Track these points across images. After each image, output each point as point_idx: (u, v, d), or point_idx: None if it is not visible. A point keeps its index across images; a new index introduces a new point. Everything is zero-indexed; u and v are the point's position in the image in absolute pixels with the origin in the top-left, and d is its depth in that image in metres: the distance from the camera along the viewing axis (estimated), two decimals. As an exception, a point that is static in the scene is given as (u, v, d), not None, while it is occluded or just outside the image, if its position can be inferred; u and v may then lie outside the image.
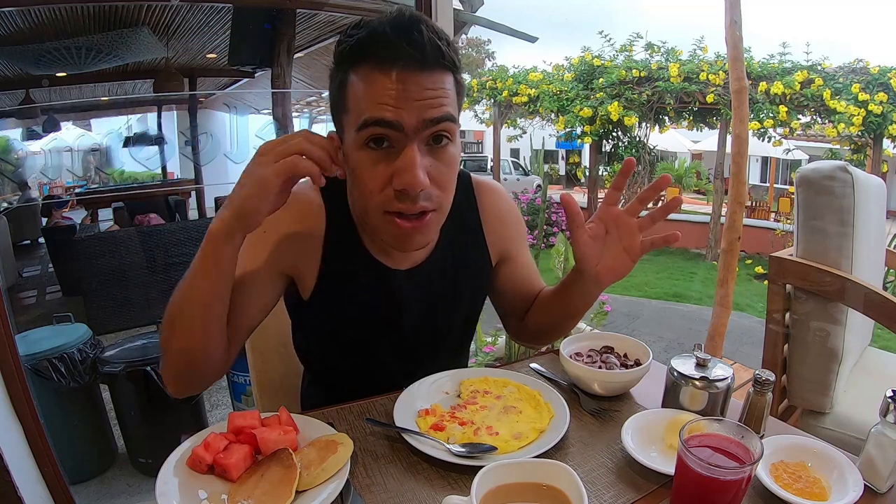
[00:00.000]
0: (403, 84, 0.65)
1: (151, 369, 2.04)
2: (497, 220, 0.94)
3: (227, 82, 6.60)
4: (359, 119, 0.67)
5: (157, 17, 4.43)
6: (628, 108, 7.38)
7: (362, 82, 0.67)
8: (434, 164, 0.70)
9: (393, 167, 0.68)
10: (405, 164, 0.67)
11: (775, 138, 6.96)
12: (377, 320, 0.87)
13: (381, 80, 0.65)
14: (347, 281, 0.83)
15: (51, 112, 5.89)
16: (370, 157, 0.69)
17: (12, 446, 1.28)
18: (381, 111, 0.65)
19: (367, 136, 0.67)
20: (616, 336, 0.94)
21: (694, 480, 0.54)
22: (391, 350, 0.89)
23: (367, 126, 0.66)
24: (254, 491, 0.58)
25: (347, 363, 0.91)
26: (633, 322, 4.95)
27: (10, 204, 6.09)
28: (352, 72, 0.68)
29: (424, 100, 0.66)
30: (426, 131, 0.68)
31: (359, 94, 0.67)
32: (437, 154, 0.70)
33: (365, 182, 0.70)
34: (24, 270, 5.74)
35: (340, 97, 0.71)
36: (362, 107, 0.67)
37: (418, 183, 0.67)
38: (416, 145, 0.67)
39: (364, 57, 0.67)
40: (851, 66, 6.45)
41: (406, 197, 0.69)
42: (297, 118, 6.11)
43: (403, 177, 0.67)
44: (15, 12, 3.79)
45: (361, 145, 0.68)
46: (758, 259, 7.03)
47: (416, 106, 0.66)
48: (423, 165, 0.68)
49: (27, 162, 6.24)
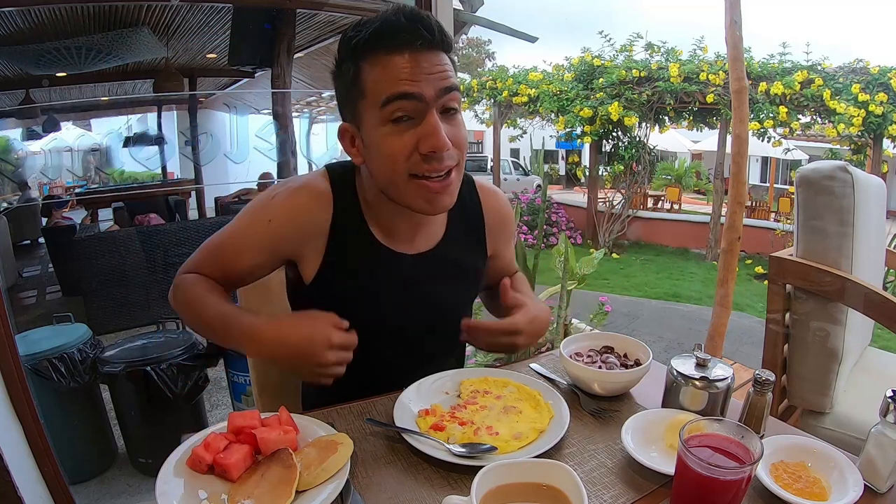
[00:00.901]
0: (417, 61, 0.75)
1: (151, 369, 2.04)
2: (496, 221, 1.00)
3: (227, 82, 6.60)
4: (380, 98, 0.75)
5: (157, 17, 4.43)
6: (628, 108, 7.39)
7: (378, 66, 0.75)
8: (449, 129, 0.78)
9: (417, 134, 0.76)
10: (430, 128, 0.75)
11: (775, 138, 6.96)
12: (380, 305, 0.89)
13: (398, 60, 0.74)
14: (351, 265, 0.87)
15: (51, 112, 5.89)
16: (394, 130, 0.76)
17: (12, 446, 1.28)
18: (402, 86, 0.74)
19: (391, 111, 0.75)
20: (616, 336, 0.94)
21: (694, 480, 0.54)
22: (390, 338, 0.91)
23: (390, 101, 0.75)
24: (254, 491, 0.58)
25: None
26: (633, 322, 4.95)
27: (10, 204, 6.08)
28: (364, 62, 0.76)
29: (436, 73, 0.76)
30: (441, 100, 0.77)
31: (379, 76, 0.75)
32: (450, 120, 0.79)
33: (393, 151, 0.77)
34: (24, 270, 5.74)
35: (355, 86, 0.78)
36: (381, 87, 0.75)
37: (444, 143, 0.76)
38: (435, 112, 0.76)
39: (378, 45, 0.75)
40: (851, 66, 6.45)
41: (433, 158, 0.77)
42: (297, 118, 6.12)
43: (430, 140, 0.75)
44: (15, 12, 3.79)
45: (385, 121, 0.76)
46: (758, 259, 7.03)
47: (431, 79, 0.75)
48: (444, 130, 0.76)
49: (27, 162, 6.24)
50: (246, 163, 5.29)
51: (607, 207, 8.33)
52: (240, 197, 5.67)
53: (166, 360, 2.08)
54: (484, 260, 1.00)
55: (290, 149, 4.90)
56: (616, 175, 8.06)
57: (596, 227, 8.47)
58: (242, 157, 5.27)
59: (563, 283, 2.39)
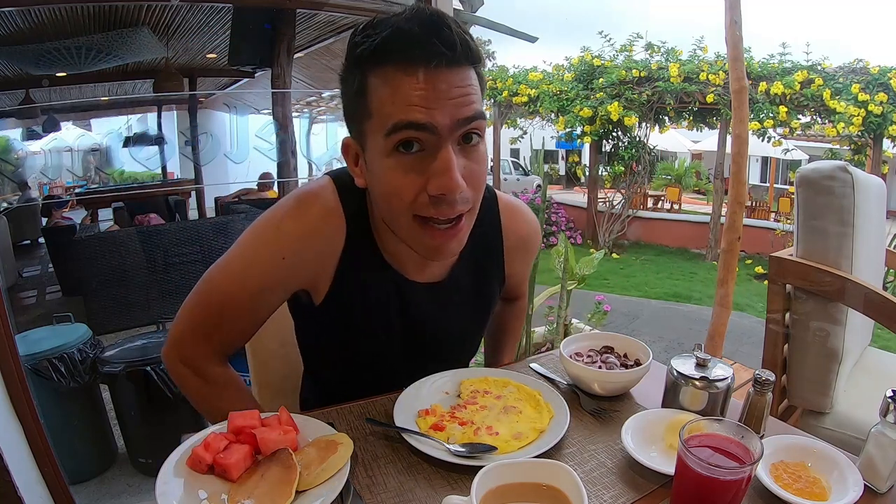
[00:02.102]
0: (433, 83, 0.62)
1: (151, 369, 2.04)
2: (518, 245, 0.92)
3: (227, 82, 6.60)
4: (386, 124, 0.64)
5: (157, 17, 4.43)
6: (628, 108, 7.39)
7: (389, 84, 0.64)
8: (467, 164, 0.67)
9: (427, 171, 0.65)
10: (442, 167, 0.64)
11: (775, 138, 6.96)
12: (389, 332, 0.85)
13: (410, 81, 0.62)
14: (362, 290, 0.81)
15: (51, 112, 5.89)
16: (401, 164, 0.65)
17: (12, 446, 1.28)
18: (412, 113, 0.62)
19: (397, 140, 0.64)
20: (616, 336, 0.93)
21: (694, 480, 0.54)
22: (401, 360, 0.88)
23: (397, 130, 0.63)
24: (254, 491, 0.58)
25: (353, 369, 0.90)
26: (633, 322, 4.95)
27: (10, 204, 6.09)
28: (372, 74, 0.65)
29: (455, 98, 0.64)
30: (459, 131, 0.65)
31: (386, 98, 0.64)
32: (468, 153, 0.68)
33: (397, 190, 0.67)
34: (24, 270, 5.74)
35: (360, 102, 0.67)
36: (389, 110, 0.64)
37: (457, 186, 0.65)
38: (450, 146, 0.65)
39: (389, 56, 0.63)
40: (851, 66, 6.45)
41: (442, 202, 0.66)
42: (297, 118, 6.12)
43: (441, 180, 0.64)
44: (15, 12, 3.78)
45: (391, 151, 0.65)
46: (758, 259, 7.02)
47: (448, 105, 0.63)
48: (458, 166, 0.65)
49: (27, 162, 6.24)
50: (246, 163, 5.29)
51: (607, 207, 8.33)
52: (240, 197, 5.67)
53: (166, 360, 2.08)
54: (501, 284, 0.93)
55: (290, 149, 4.90)
56: (616, 175, 8.06)
57: (596, 227, 8.47)
58: (242, 157, 5.27)
59: (563, 283, 2.39)
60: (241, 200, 5.57)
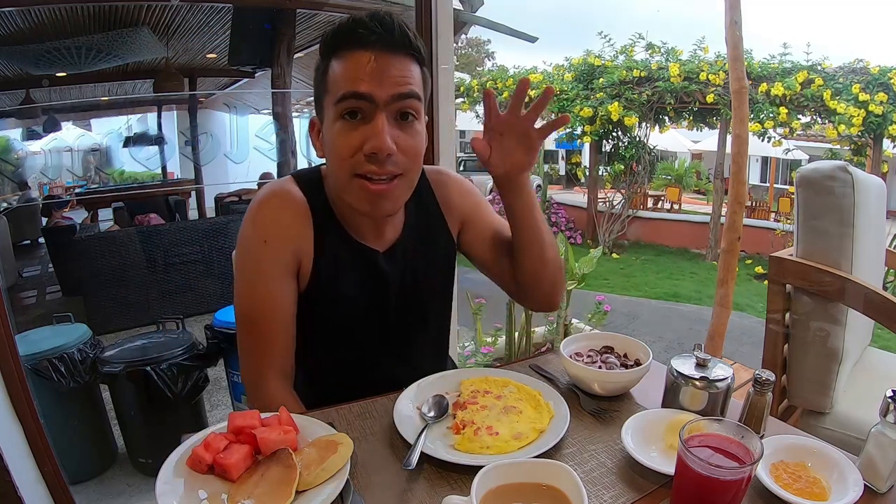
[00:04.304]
0: (375, 62, 0.76)
1: (151, 369, 2.04)
2: (450, 199, 1.00)
3: (227, 82, 6.60)
4: (337, 94, 0.77)
5: (157, 17, 4.44)
6: (628, 108, 7.38)
7: (341, 63, 0.77)
8: (401, 135, 0.79)
9: (364, 134, 0.77)
10: (374, 130, 0.76)
11: (775, 138, 6.96)
12: (365, 303, 0.91)
13: (357, 59, 0.76)
14: (339, 268, 0.88)
15: (51, 112, 5.89)
16: (345, 127, 0.78)
17: (12, 446, 1.28)
18: (357, 85, 0.76)
19: (343, 108, 0.77)
20: (616, 336, 0.93)
21: (694, 480, 0.54)
22: (378, 334, 0.93)
23: (344, 99, 0.76)
24: (254, 491, 0.58)
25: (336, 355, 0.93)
26: (633, 322, 4.95)
27: (10, 204, 6.09)
28: (333, 58, 0.79)
29: (394, 76, 0.76)
30: (394, 105, 0.77)
31: (338, 75, 0.78)
32: (403, 127, 0.79)
33: (339, 148, 0.78)
34: (24, 270, 5.74)
35: (322, 82, 0.81)
36: (340, 84, 0.77)
37: (385, 146, 0.76)
38: (385, 116, 0.77)
39: (343, 41, 0.77)
40: (851, 66, 6.45)
41: (375, 160, 0.77)
42: (297, 118, 6.12)
43: (372, 141, 0.76)
44: (15, 12, 3.79)
45: (338, 117, 0.78)
46: (758, 259, 7.02)
47: (386, 81, 0.76)
48: (392, 134, 0.77)
49: (27, 162, 6.25)
50: (246, 163, 5.29)
51: (607, 207, 8.33)
52: (240, 196, 5.67)
53: (166, 360, 2.08)
54: (451, 241, 1.00)
55: (290, 149, 4.91)
56: (616, 175, 8.06)
57: (596, 227, 8.47)
58: (242, 157, 5.27)
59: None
60: (242, 200, 5.57)
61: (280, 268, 0.84)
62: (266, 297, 0.84)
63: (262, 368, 0.85)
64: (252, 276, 0.85)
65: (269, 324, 0.84)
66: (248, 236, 0.85)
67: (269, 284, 0.84)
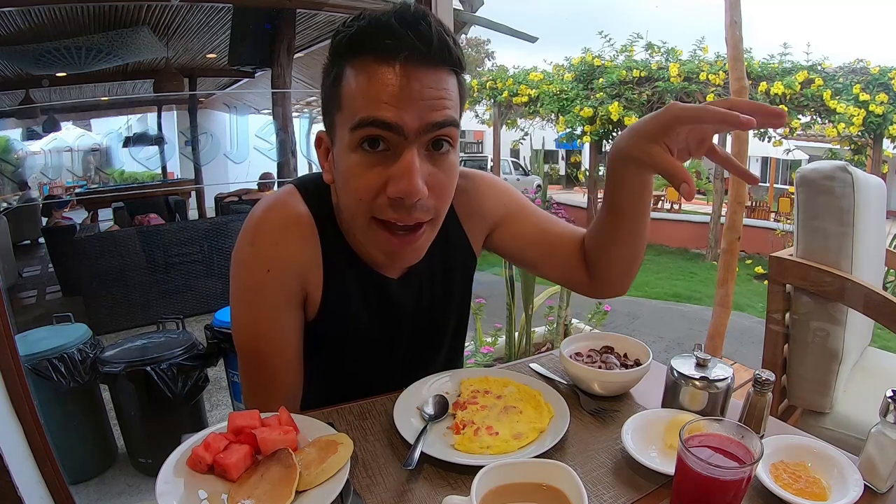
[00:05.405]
0: (406, 81, 0.60)
1: (151, 369, 2.04)
2: (472, 206, 0.87)
3: (227, 82, 6.60)
4: (354, 118, 0.62)
5: (157, 17, 4.44)
6: (628, 108, 7.39)
7: (360, 77, 0.61)
8: (433, 171, 0.64)
9: (388, 172, 0.62)
10: (403, 170, 0.61)
11: (775, 138, 6.96)
12: (376, 335, 0.84)
13: (382, 75, 0.60)
14: (349, 296, 0.80)
15: (51, 112, 5.90)
16: (363, 160, 0.63)
17: (12, 446, 1.28)
18: (380, 110, 0.60)
19: (361, 136, 0.62)
20: (616, 336, 0.93)
21: (694, 480, 0.54)
22: (390, 359, 0.88)
23: (362, 126, 0.61)
24: (254, 491, 0.58)
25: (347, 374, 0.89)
26: (633, 322, 4.95)
27: (10, 204, 6.09)
28: (349, 65, 0.63)
29: (427, 100, 0.61)
30: (427, 136, 0.62)
31: (355, 91, 0.62)
32: (436, 161, 0.65)
33: (356, 188, 0.64)
34: (24, 270, 5.75)
35: (334, 93, 0.65)
36: (358, 104, 0.61)
37: (416, 191, 0.61)
38: (416, 150, 0.62)
39: (364, 48, 0.61)
40: (851, 66, 6.46)
41: (401, 206, 0.64)
42: (297, 118, 6.12)
43: (400, 184, 0.61)
44: (15, 12, 3.79)
45: (355, 147, 0.63)
46: (758, 259, 7.02)
47: (418, 107, 0.60)
48: (422, 172, 0.62)
49: (27, 162, 6.25)
50: (246, 163, 5.29)
51: (607, 207, 8.31)
52: (240, 196, 5.67)
53: (166, 360, 2.08)
54: (472, 256, 0.89)
55: (290, 149, 4.90)
56: (616, 175, 8.05)
57: (596, 228, 8.46)
58: (242, 157, 5.27)
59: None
60: (242, 200, 5.57)
61: (285, 298, 0.75)
62: (271, 334, 0.75)
63: (268, 403, 0.76)
64: (255, 309, 0.75)
65: (275, 360, 0.77)
66: (246, 260, 0.74)
67: (274, 319, 0.75)
